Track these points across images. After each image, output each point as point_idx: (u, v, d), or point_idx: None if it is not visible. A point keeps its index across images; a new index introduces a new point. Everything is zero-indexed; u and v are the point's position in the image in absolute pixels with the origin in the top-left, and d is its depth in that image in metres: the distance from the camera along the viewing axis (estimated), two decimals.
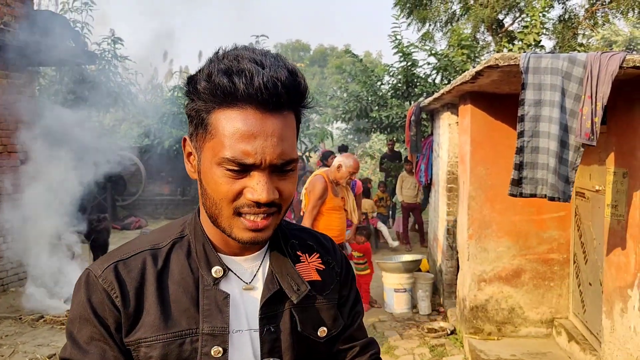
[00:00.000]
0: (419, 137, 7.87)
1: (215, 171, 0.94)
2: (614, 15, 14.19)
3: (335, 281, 1.17)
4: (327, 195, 4.79)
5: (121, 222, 12.23)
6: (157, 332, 0.98)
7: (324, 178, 4.83)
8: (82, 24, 10.69)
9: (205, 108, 0.94)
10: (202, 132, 0.96)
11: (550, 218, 4.93)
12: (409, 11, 14.62)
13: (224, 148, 0.91)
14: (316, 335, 1.10)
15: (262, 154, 0.91)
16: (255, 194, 0.92)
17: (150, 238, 1.07)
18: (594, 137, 3.11)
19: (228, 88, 0.89)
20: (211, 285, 1.01)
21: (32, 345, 5.11)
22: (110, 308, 0.97)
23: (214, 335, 0.99)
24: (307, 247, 1.17)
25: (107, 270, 1.00)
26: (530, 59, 3.28)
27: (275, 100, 0.91)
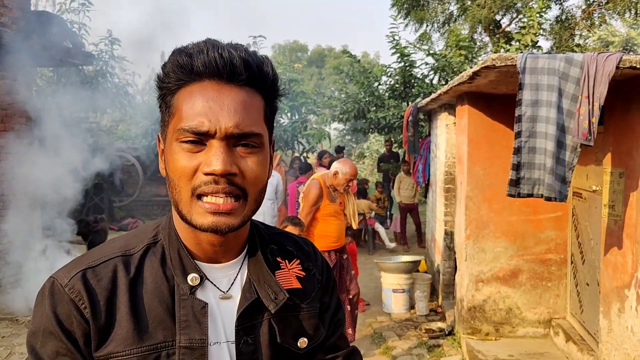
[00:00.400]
0: (416, 138, 7.88)
1: (175, 148, 0.90)
2: (610, 16, 14.23)
3: (317, 288, 1.11)
4: (322, 202, 4.60)
5: (118, 223, 12.21)
6: (130, 345, 0.90)
7: (319, 183, 4.63)
8: (79, 25, 10.68)
9: (169, 89, 0.93)
10: (167, 116, 0.94)
11: (547, 218, 4.94)
12: (407, 12, 14.63)
13: (181, 120, 0.89)
14: (296, 346, 1.04)
15: (216, 122, 0.88)
16: (209, 165, 0.87)
17: (121, 243, 1.00)
18: (591, 137, 3.12)
19: (186, 63, 0.89)
20: (187, 294, 0.94)
21: None
22: (78, 320, 0.90)
23: (192, 349, 0.92)
24: (286, 252, 1.10)
25: (75, 278, 0.92)
26: (527, 60, 3.29)
27: (231, 70, 0.89)
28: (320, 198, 4.60)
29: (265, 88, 0.96)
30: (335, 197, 4.70)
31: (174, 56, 0.92)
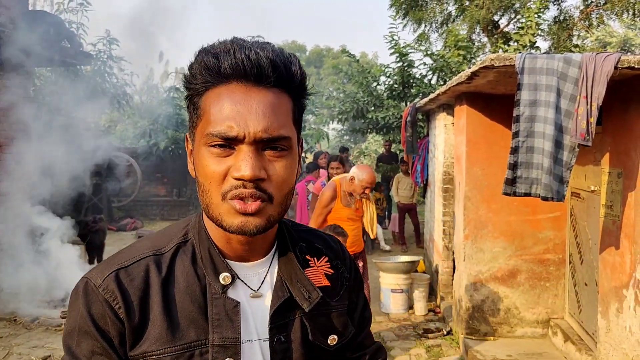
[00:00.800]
0: (414, 138, 7.88)
1: (204, 153, 0.90)
2: (608, 17, 14.25)
3: (345, 286, 1.12)
4: (334, 204, 4.57)
5: (117, 223, 12.20)
6: (164, 344, 0.91)
7: (334, 185, 4.63)
8: (77, 25, 10.66)
9: (196, 91, 0.92)
10: (195, 117, 0.93)
11: (545, 218, 4.94)
12: (405, 12, 14.64)
13: (210, 124, 0.89)
14: (326, 343, 1.05)
15: (245, 127, 0.87)
16: (239, 170, 0.87)
17: (151, 242, 1.00)
18: (590, 138, 3.12)
19: (213, 65, 0.88)
20: (220, 293, 0.95)
21: (26, 347, 5.08)
22: (112, 320, 0.91)
23: (225, 347, 0.93)
24: (315, 250, 1.11)
25: (108, 279, 0.93)
26: (526, 60, 3.29)
27: (258, 71, 0.88)
28: (333, 200, 4.57)
29: (293, 88, 0.94)
30: (351, 202, 4.63)
31: (201, 57, 0.91)
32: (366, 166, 4.72)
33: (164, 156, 13.54)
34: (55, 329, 5.50)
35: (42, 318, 5.72)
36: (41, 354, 4.89)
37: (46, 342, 5.19)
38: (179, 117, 14.22)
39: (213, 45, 0.92)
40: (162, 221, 13.35)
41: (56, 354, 4.90)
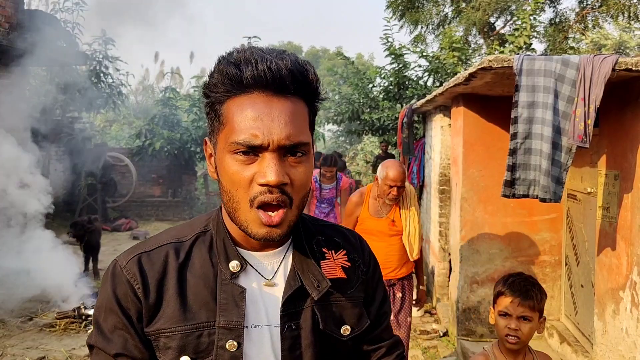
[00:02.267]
0: (411, 139, 7.88)
1: (228, 160, 0.96)
2: (604, 19, 14.30)
3: (361, 279, 1.16)
4: (359, 212, 3.81)
5: (112, 224, 12.14)
6: (176, 323, 1.00)
7: (362, 191, 3.90)
8: (73, 24, 10.62)
9: (217, 99, 0.98)
10: (217, 124, 0.99)
11: (542, 220, 4.95)
12: (402, 13, 14.67)
13: (234, 133, 0.94)
14: (339, 333, 1.10)
15: (269, 135, 0.93)
16: (265, 176, 0.93)
17: (175, 232, 1.10)
18: (587, 139, 3.12)
19: (235, 75, 0.93)
20: (228, 280, 1.02)
21: (20, 348, 5.05)
22: (132, 299, 1.00)
23: (229, 329, 0.99)
24: (333, 243, 1.17)
25: (131, 262, 1.03)
26: (524, 61, 3.29)
27: (280, 82, 0.94)
28: (357, 207, 3.83)
29: (308, 94, 1.00)
30: (382, 212, 3.76)
31: (222, 66, 0.95)
32: (390, 161, 3.73)
33: (160, 156, 13.50)
34: (50, 330, 5.46)
35: (36, 319, 5.69)
36: (35, 355, 4.86)
37: (40, 343, 5.15)
38: (175, 117, 14.20)
39: (232, 54, 0.97)
40: (157, 222, 13.31)
41: (50, 355, 4.87)
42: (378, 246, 3.48)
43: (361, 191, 3.88)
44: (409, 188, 3.81)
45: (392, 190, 3.59)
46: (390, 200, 3.66)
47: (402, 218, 3.76)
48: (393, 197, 3.63)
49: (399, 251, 3.76)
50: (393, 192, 3.60)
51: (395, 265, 3.77)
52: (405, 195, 3.77)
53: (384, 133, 10.88)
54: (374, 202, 3.78)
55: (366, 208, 3.77)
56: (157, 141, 13.27)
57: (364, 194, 3.84)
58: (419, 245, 3.81)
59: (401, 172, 3.59)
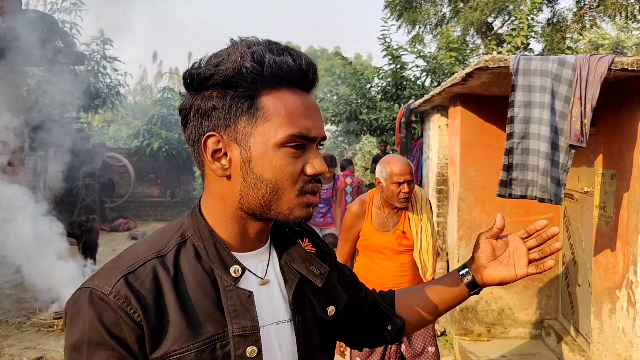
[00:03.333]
0: (409, 139, 7.89)
1: (276, 154, 0.94)
2: (601, 19, 14.33)
3: (328, 260, 1.19)
4: (360, 226, 3.12)
5: (110, 224, 12.14)
6: (187, 342, 0.91)
7: (364, 201, 3.17)
8: (70, 24, 10.62)
9: (251, 92, 0.93)
10: (249, 118, 0.94)
11: (539, 219, 4.95)
12: (399, 13, 14.68)
13: (286, 126, 0.94)
14: (327, 315, 1.12)
15: (319, 128, 0.98)
16: (316, 166, 0.97)
17: (149, 246, 0.99)
18: (584, 139, 3.13)
19: (281, 66, 0.93)
20: (232, 285, 0.97)
21: (18, 348, 5.05)
22: (130, 326, 0.88)
23: (245, 336, 0.95)
24: (297, 233, 1.18)
25: (118, 285, 0.90)
26: (520, 61, 3.30)
27: (312, 80, 0.98)
28: (358, 220, 3.13)
29: None
30: (389, 224, 3.09)
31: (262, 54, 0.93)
32: (390, 155, 3.14)
33: (158, 157, 13.50)
34: (48, 330, 5.46)
35: (34, 319, 5.69)
36: (33, 355, 4.86)
37: (38, 343, 5.15)
38: (173, 117, 14.19)
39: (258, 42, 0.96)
40: (155, 222, 13.31)
41: (48, 355, 4.87)
42: (386, 266, 3.05)
43: (362, 200, 3.18)
44: (419, 192, 3.19)
45: (402, 188, 2.95)
46: (401, 202, 2.99)
47: (413, 229, 3.09)
48: (405, 196, 2.97)
49: (411, 270, 3.10)
50: (404, 189, 2.95)
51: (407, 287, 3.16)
52: (415, 200, 3.14)
53: (382, 133, 10.89)
54: (378, 212, 3.10)
55: (369, 220, 3.10)
56: (155, 141, 13.27)
57: (365, 202, 3.14)
58: (433, 262, 3.12)
59: (405, 163, 2.99)
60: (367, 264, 3.14)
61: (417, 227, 3.10)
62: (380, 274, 3.06)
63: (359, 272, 3.08)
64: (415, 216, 3.10)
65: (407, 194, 2.96)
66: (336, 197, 6.58)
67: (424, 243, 3.09)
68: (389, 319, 1.31)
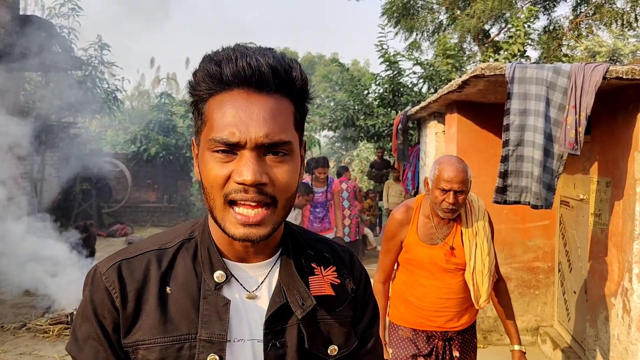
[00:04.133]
0: (405, 146, 7.91)
1: (207, 158, 0.92)
2: (597, 27, 14.40)
3: (350, 297, 1.10)
4: (403, 236, 2.66)
5: (107, 229, 12.11)
6: (156, 335, 0.95)
7: (410, 206, 2.70)
8: (68, 30, 10.63)
9: (200, 98, 0.95)
10: (199, 123, 0.96)
11: (535, 227, 4.97)
12: (397, 20, 14.72)
13: (213, 130, 0.91)
14: (326, 353, 1.04)
15: (246, 132, 0.89)
16: (240, 175, 0.89)
17: (159, 238, 1.06)
18: (578, 147, 3.15)
19: (216, 72, 0.91)
20: (212, 290, 0.98)
21: (14, 354, 5.03)
22: (109, 308, 0.96)
23: (211, 342, 0.95)
24: (323, 258, 1.11)
25: (111, 269, 0.99)
26: (516, 69, 3.32)
27: (259, 78, 0.91)
28: (401, 229, 2.67)
29: (294, 93, 0.97)
30: (437, 236, 2.61)
31: (204, 64, 0.93)
32: (447, 156, 2.64)
33: (155, 162, 13.50)
34: (43, 336, 5.44)
35: (30, 325, 5.67)
36: None
37: (34, 349, 5.13)
38: (170, 122, 14.20)
39: (216, 53, 0.94)
40: (152, 227, 13.28)
41: None
42: (429, 285, 2.61)
43: (407, 205, 2.72)
44: (476, 201, 2.68)
45: (447, 197, 2.47)
46: (444, 213, 2.52)
47: (466, 245, 2.58)
48: (448, 208, 2.49)
49: (460, 293, 2.63)
50: (448, 199, 2.47)
51: (454, 312, 2.63)
52: (471, 210, 2.63)
53: (379, 139, 10.92)
54: (425, 221, 2.64)
55: (414, 230, 2.64)
56: (153, 147, 13.27)
57: (410, 209, 2.68)
58: (488, 287, 2.62)
59: (459, 169, 2.46)
60: (407, 281, 2.68)
61: (470, 243, 2.57)
62: (422, 294, 2.61)
63: (397, 289, 2.73)
64: (469, 230, 2.59)
65: (451, 206, 2.47)
66: (334, 201, 6.58)
67: (479, 263, 2.57)
68: None
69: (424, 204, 2.67)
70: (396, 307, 2.73)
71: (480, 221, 2.61)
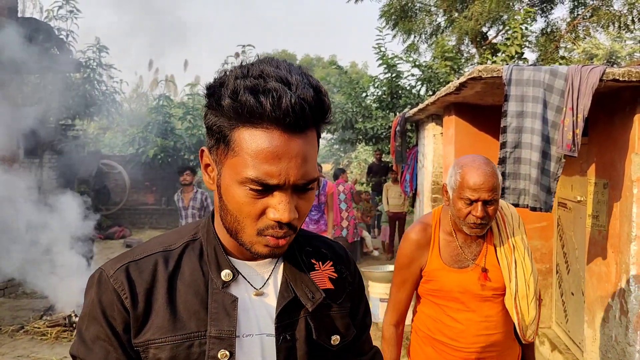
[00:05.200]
0: (404, 148, 7.92)
1: (237, 190, 0.93)
2: (594, 29, 14.44)
3: (348, 290, 1.17)
4: (423, 262, 2.12)
5: (105, 232, 12.11)
6: (166, 333, 0.98)
7: (427, 223, 2.16)
8: (67, 32, 10.63)
9: (229, 125, 0.92)
10: (224, 147, 0.94)
11: (532, 228, 4.98)
12: (395, 23, 14.74)
13: (248, 168, 0.90)
14: (330, 343, 1.10)
15: (286, 175, 0.90)
16: (277, 213, 0.92)
17: (163, 240, 1.08)
18: (575, 149, 3.16)
19: (255, 108, 0.87)
20: (220, 288, 1.01)
21: (11, 356, 5.02)
22: (119, 309, 0.98)
23: (220, 339, 0.98)
24: (320, 254, 1.17)
25: (119, 270, 1.01)
26: (513, 71, 3.33)
27: (302, 122, 0.90)
28: (419, 252, 2.12)
29: (321, 123, 0.98)
30: (466, 257, 2.08)
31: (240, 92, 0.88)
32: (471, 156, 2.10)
33: (153, 164, 13.49)
34: (41, 338, 5.44)
35: (27, 327, 5.66)
36: None
37: (32, 352, 5.13)
38: (168, 125, 14.20)
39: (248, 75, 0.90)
40: (150, 229, 13.27)
41: None
42: (466, 320, 2.04)
43: (423, 222, 2.15)
44: (507, 208, 2.18)
45: (474, 210, 1.94)
46: (471, 229, 1.98)
47: (503, 265, 2.05)
48: (476, 223, 1.95)
49: (504, 325, 2.07)
50: (475, 212, 1.93)
51: (498, 350, 2.08)
52: (503, 220, 2.12)
53: (377, 142, 10.94)
54: (448, 240, 2.10)
55: (436, 252, 2.09)
56: (151, 149, 13.26)
57: (428, 226, 2.13)
58: (536, 314, 2.05)
59: (489, 173, 1.95)
60: (434, 317, 2.12)
61: (508, 261, 2.04)
62: (456, 332, 2.05)
63: (421, 328, 2.18)
64: (504, 245, 2.07)
65: (480, 220, 1.95)
66: (327, 203, 6.61)
67: (521, 285, 2.02)
68: None
69: (443, 219, 2.12)
70: (422, 351, 2.17)
71: (516, 232, 2.11)
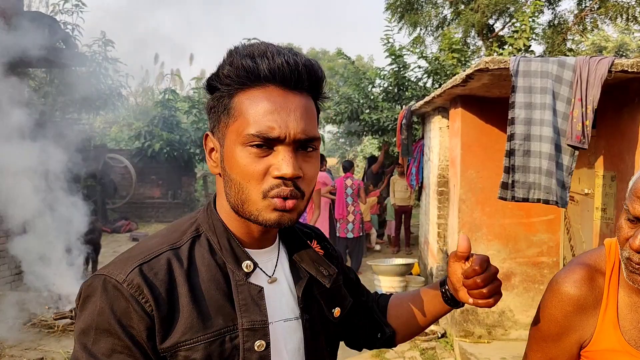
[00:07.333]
0: (410, 141, 7.90)
1: (240, 153, 0.94)
2: (602, 21, 14.31)
3: (335, 262, 1.21)
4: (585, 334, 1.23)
5: (111, 225, 12.16)
6: (197, 333, 0.93)
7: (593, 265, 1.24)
8: (72, 26, 10.63)
9: (228, 92, 0.96)
10: (225, 118, 0.97)
11: (539, 221, 4.95)
12: (400, 15, 14.66)
13: (249, 125, 0.93)
14: (333, 316, 1.14)
15: (286, 128, 0.92)
16: (280, 169, 0.92)
17: (163, 239, 1.02)
18: (585, 140, 3.13)
19: (251, 67, 0.92)
20: (244, 280, 1.00)
21: (19, 349, 5.06)
22: (139, 315, 0.90)
23: (254, 330, 0.97)
24: (306, 234, 1.19)
25: (132, 274, 0.92)
26: (520, 62, 3.30)
27: (297, 77, 0.94)
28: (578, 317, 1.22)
29: (316, 92, 1.01)
30: None
31: (236, 59, 0.94)
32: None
33: (159, 158, 13.52)
34: (48, 331, 5.47)
35: (35, 320, 5.69)
36: (34, 356, 4.87)
37: (39, 344, 5.16)
38: (174, 119, 14.21)
39: (247, 47, 0.96)
40: (157, 223, 13.32)
41: (49, 356, 4.88)
42: None
43: (588, 266, 1.25)
44: None
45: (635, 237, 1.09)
46: (630, 274, 1.13)
47: None
48: (636, 263, 1.10)
49: None
50: (635, 240, 1.09)
51: None
52: None
53: (383, 134, 10.90)
54: (635, 301, 1.20)
55: (611, 321, 1.20)
56: (157, 143, 13.29)
57: (599, 274, 1.24)
58: None
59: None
60: None
61: None
62: None
63: None
64: None
65: None
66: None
67: None
68: (380, 327, 1.31)
69: (618, 260, 1.24)
70: None
71: None
